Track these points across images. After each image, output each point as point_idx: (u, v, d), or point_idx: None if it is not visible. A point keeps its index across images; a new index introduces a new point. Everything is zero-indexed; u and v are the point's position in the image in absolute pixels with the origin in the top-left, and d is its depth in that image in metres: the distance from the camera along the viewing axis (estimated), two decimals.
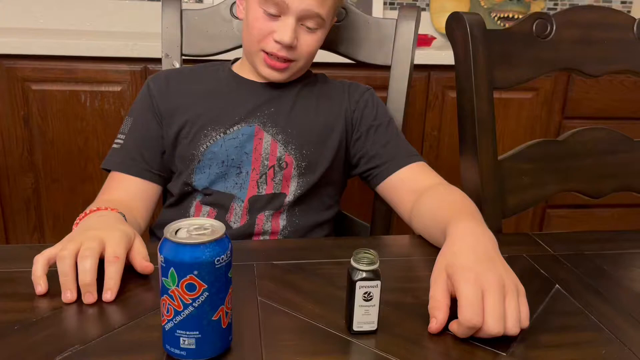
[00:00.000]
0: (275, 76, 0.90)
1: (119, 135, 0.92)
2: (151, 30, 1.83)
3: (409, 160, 0.90)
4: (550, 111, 1.82)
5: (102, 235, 0.62)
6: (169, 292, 0.48)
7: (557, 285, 0.67)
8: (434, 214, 0.75)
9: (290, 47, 0.86)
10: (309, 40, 0.88)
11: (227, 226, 0.88)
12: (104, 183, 0.90)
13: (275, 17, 0.86)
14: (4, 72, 1.50)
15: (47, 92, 1.54)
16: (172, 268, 0.47)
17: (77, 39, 1.56)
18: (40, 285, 0.59)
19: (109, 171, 0.91)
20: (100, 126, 1.58)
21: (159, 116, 0.92)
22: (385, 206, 0.96)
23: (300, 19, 0.86)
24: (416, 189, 0.85)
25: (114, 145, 0.92)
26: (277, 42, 0.86)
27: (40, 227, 1.65)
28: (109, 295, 0.58)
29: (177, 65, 1.09)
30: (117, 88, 1.56)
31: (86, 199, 1.26)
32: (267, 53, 0.88)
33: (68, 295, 0.58)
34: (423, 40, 1.79)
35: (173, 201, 0.94)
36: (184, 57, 1.10)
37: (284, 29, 0.85)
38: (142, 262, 0.63)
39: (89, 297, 0.58)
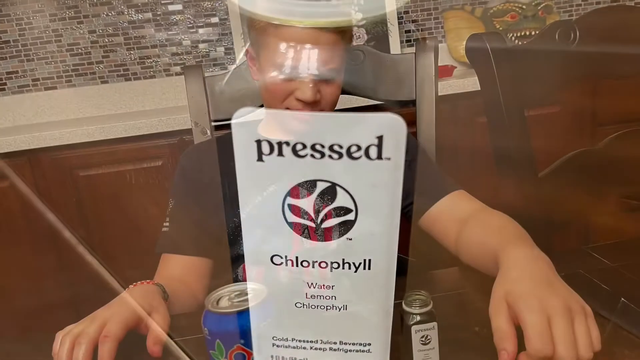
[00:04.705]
0: None
1: (166, 218, 0.95)
2: (181, 104, 1.90)
3: (447, 190, 0.89)
4: (582, 121, 1.76)
5: (106, 315, 0.63)
6: None
7: (622, 298, 0.63)
8: (482, 241, 0.73)
9: (314, 102, 0.85)
10: (330, 90, 0.86)
11: None
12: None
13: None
14: (52, 163, 1.58)
15: (94, 176, 1.60)
16: (217, 339, 0.47)
17: (114, 122, 1.63)
18: None
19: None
20: (148, 201, 1.63)
21: (196, 196, 0.94)
22: (425, 241, 0.94)
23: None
24: (459, 218, 0.83)
25: (163, 229, 0.94)
26: (299, 100, 0.84)
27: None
28: None
29: (208, 132, 1.11)
30: (159, 162, 1.62)
31: (145, 275, 1.29)
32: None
33: None
34: (444, 71, 1.78)
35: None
36: (214, 123, 1.13)
37: (305, 88, 0.82)
38: (150, 346, 0.62)
39: None
